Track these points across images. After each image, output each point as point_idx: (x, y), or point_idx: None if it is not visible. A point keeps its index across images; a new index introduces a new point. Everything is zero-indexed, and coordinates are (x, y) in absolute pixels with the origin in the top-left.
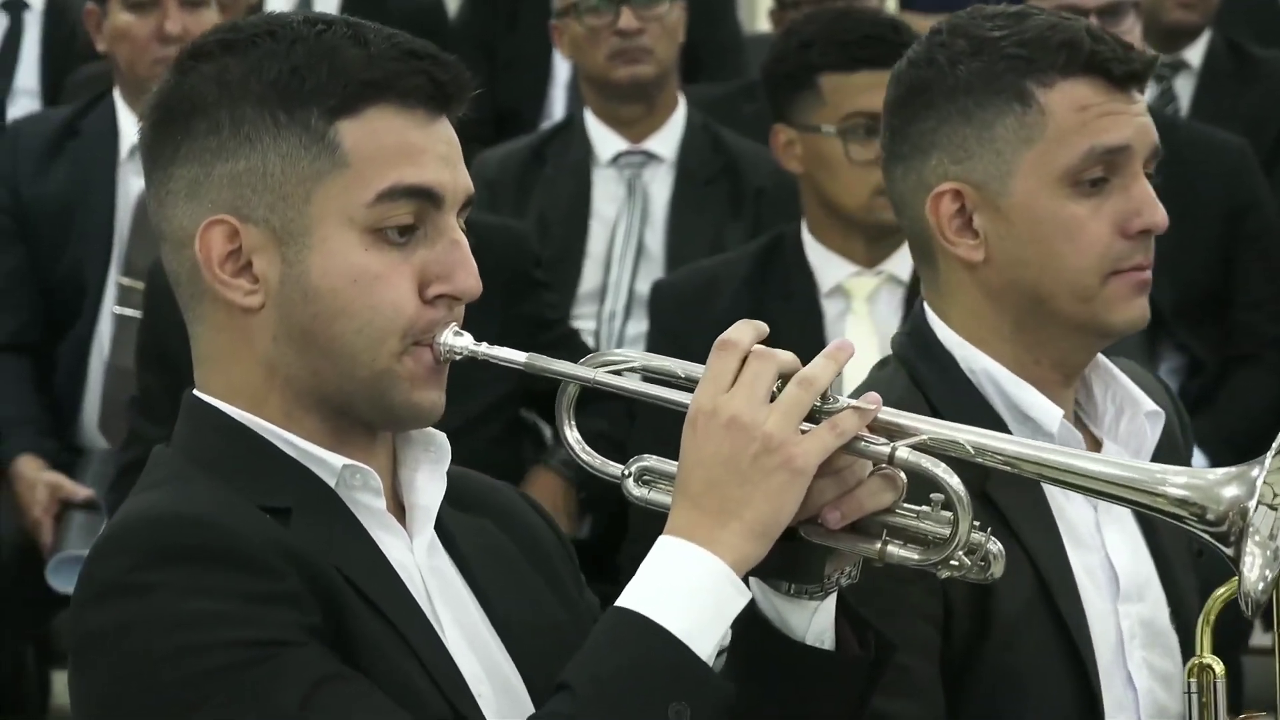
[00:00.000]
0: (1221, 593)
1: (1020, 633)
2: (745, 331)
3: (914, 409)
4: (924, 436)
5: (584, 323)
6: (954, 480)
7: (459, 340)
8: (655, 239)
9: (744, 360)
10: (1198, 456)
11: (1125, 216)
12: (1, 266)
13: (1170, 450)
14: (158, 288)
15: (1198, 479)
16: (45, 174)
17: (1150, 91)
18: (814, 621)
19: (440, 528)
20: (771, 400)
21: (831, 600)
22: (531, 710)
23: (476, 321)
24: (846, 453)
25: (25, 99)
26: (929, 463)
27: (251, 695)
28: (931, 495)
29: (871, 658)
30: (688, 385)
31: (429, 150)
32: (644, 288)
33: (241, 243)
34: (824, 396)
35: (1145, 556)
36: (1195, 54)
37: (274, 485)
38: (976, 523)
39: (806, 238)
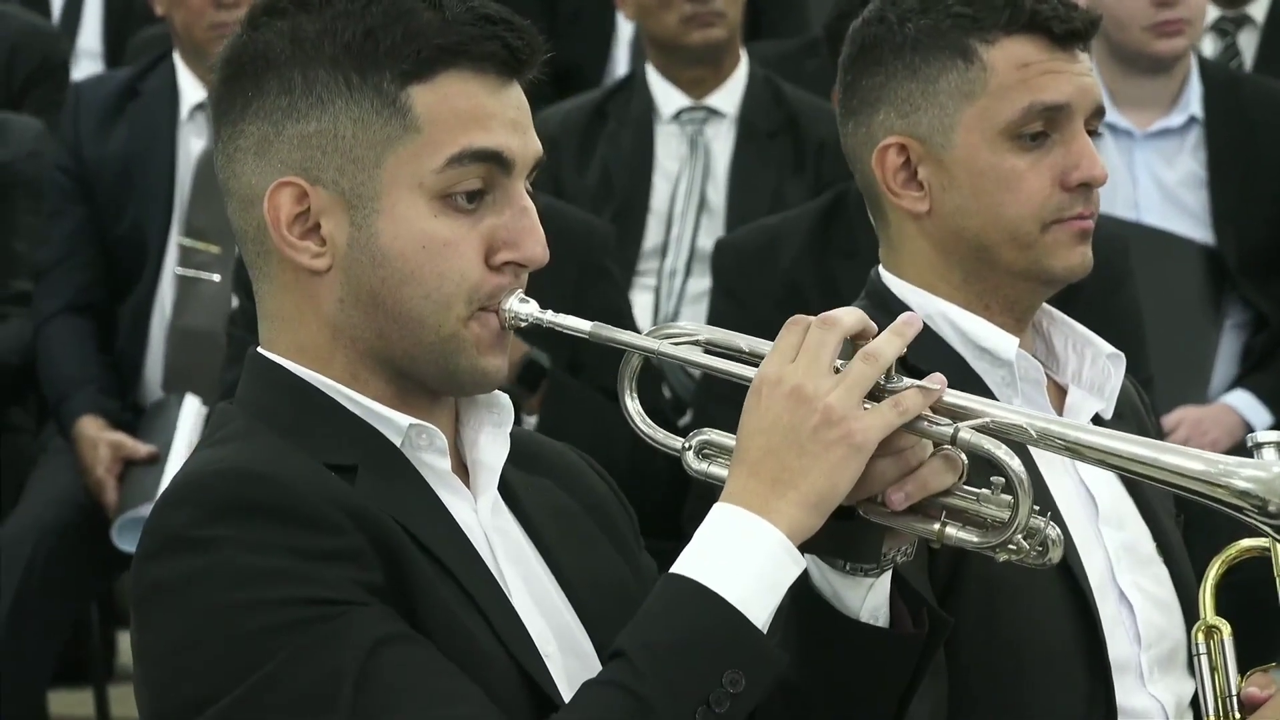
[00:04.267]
0: (1223, 556)
1: None
2: (813, 317)
3: None
4: (987, 419)
5: (646, 279)
6: (1015, 463)
7: (525, 307)
8: (717, 194)
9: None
10: (1262, 411)
11: (1064, 170)
12: (64, 227)
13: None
14: None
15: (1261, 470)
16: (107, 135)
17: (1214, 45)
18: (869, 598)
19: (504, 487)
20: (837, 372)
21: (887, 576)
22: (599, 669)
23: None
24: (908, 432)
25: (88, 61)
26: (991, 444)
27: (312, 654)
28: (992, 478)
29: (925, 634)
30: (751, 360)
31: (499, 115)
32: (706, 244)
33: (310, 204)
34: (888, 374)
35: (1120, 488)
36: (1259, 8)
37: (339, 443)
38: (1036, 507)
39: None
